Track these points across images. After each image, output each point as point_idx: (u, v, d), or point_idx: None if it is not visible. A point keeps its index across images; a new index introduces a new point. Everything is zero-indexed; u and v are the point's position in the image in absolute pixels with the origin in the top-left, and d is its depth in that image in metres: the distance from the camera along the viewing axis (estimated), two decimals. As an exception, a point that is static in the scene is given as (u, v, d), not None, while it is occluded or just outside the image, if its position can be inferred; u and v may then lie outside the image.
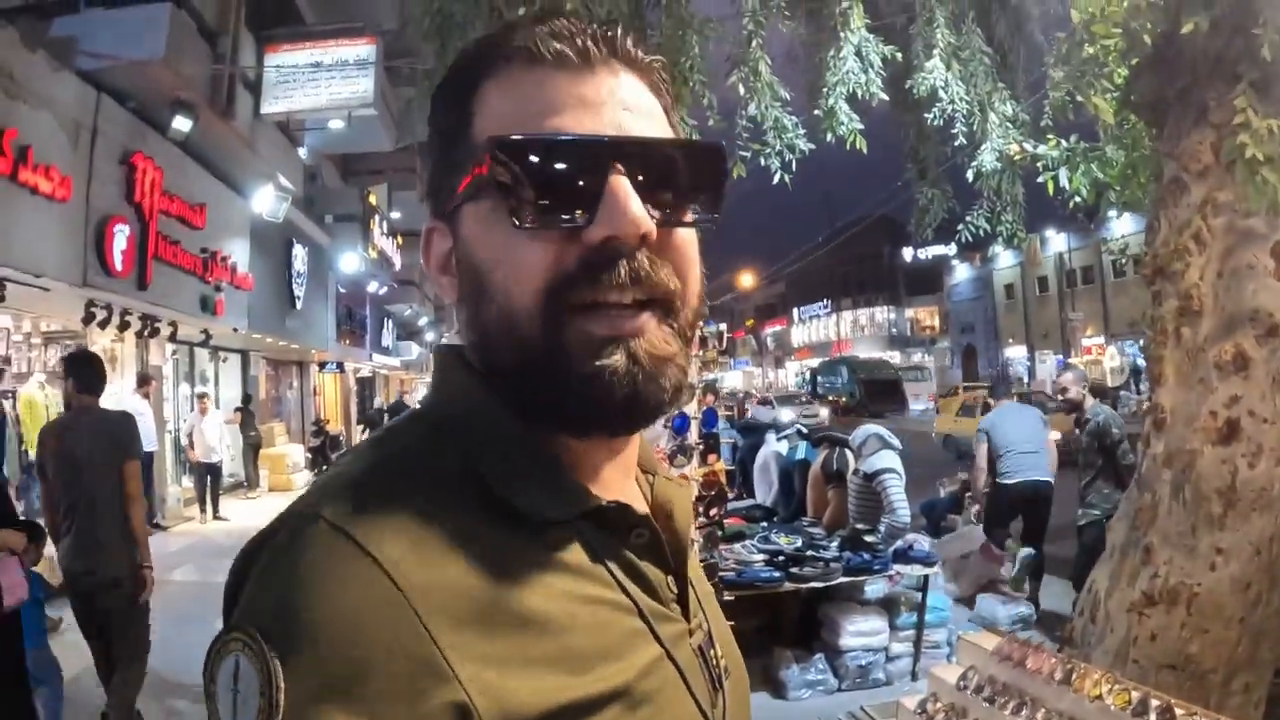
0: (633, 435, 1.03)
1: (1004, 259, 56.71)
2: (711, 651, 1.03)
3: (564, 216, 0.89)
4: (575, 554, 0.90)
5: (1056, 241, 51.78)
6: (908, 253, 73.22)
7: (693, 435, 6.36)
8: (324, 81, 14.92)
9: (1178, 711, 3.54)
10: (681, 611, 0.99)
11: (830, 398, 35.18)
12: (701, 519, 6.29)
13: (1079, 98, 5.32)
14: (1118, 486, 8.13)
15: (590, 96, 0.93)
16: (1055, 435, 10.22)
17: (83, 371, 6.27)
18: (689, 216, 0.96)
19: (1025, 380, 48.85)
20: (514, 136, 0.89)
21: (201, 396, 17.19)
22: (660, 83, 1.01)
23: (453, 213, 0.97)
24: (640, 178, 0.90)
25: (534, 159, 0.89)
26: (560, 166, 0.89)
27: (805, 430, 11.17)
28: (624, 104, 0.94)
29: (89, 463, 5.80)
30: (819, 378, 53.65)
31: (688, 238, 0.97)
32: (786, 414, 14.38)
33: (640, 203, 0.89)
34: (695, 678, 0.96)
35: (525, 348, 0.90)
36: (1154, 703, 3.65)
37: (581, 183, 0.89)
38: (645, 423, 0.96)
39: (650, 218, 0.90)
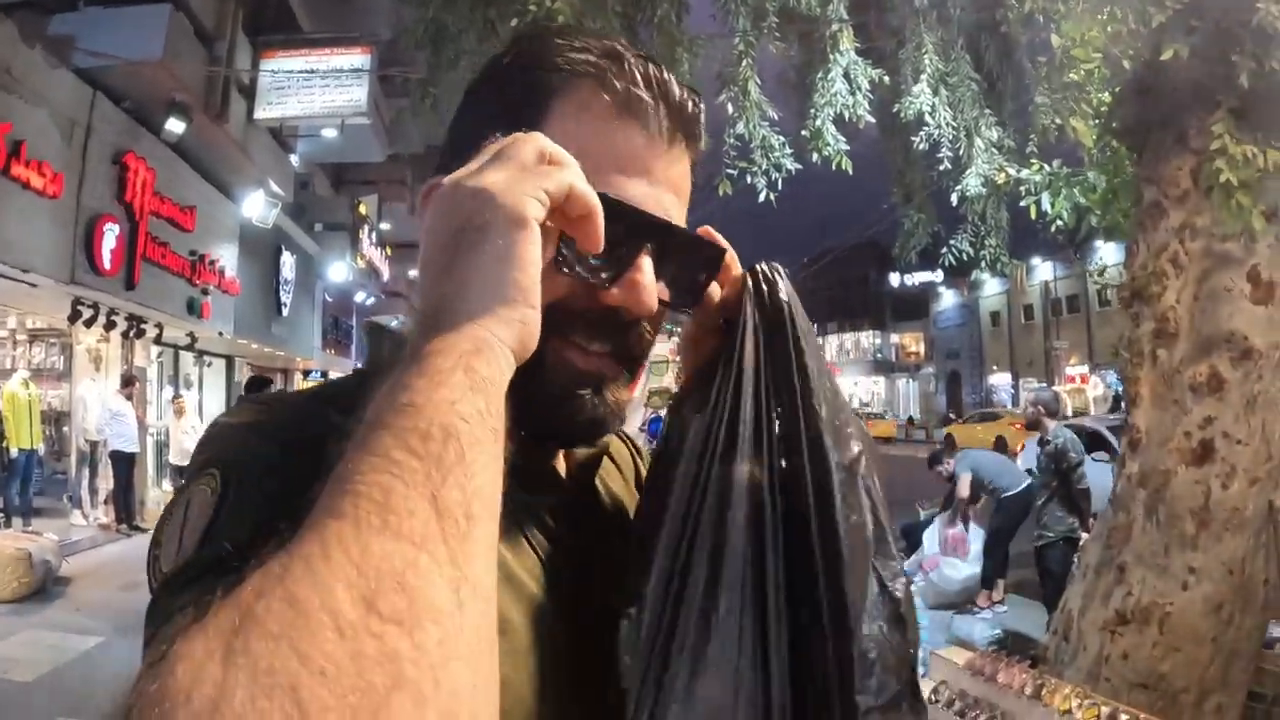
0: None
1: (990, 286, 56.88)
2: None
3: (589, 269, 0.89)
4: None
5: (1042, 270, 51.99)
6: (894, 278, 73.32)
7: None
8: (318, 89, 14.92)
9: (1145, 726, 3.59)
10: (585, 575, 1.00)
11: None
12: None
13: (1059, 121, 5.40)
14: (1070, 510, 8.44)
15: (655, 169, 0.93)
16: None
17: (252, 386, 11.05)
18: (677, 299, 0.98)
19: (1008, 406, 49.05)
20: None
21: (176, 398, 17.05)
22: (696, 163, 1.01)
23: None
24: (658, 257, 0.91)
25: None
26: (610, 225, 0.87)
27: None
28: (675, 187, 0.95)
29: None
30: None
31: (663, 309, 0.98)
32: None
33: (655, 283, 0.90)
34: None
35: None
36: (1123, 717, 3.70)
37: (617, 247, 0.88)
38: (586, 445, 1.06)
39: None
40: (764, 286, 0.94)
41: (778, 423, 0.93)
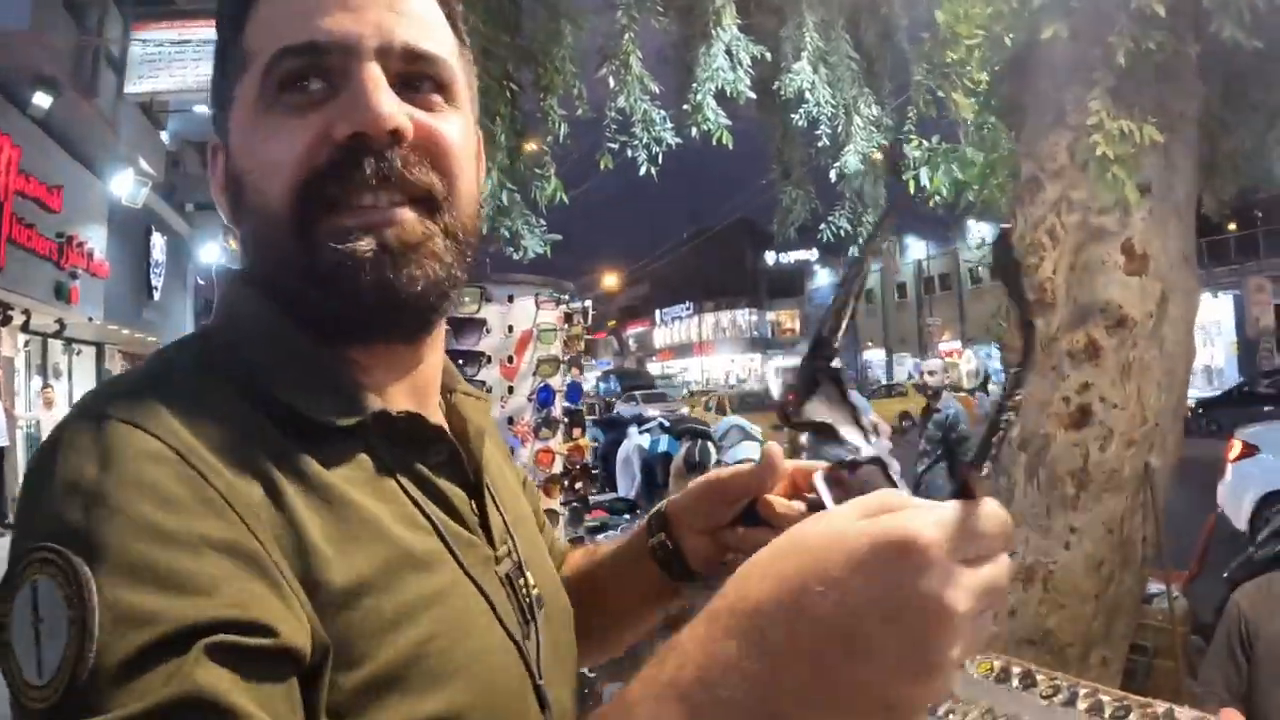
0: (419, 347, 0.99)
1: (864, 264, 57.98)
2: (520, 581, 1.00)
3: (312, 115, 0.88)
4: (360, 466, 0.86)
5: (916, 249, 53.16)
6: (770, 257, 74.18)
7: (558, 409, 6.35)
8: (190, 62, 14.54)
9: (1039, 678, 3.72)
10: (486, 537, 0.97)
11: (607, 398, 39.95)
12: (568, 494, 6.30)
13: (941, 93, 5.52)
14: (951, 477, 8.51)
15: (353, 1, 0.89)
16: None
17: None
18: (451, 115, 0.95)
19: (882, 382, 50.18)
20: (275, 43, 0.88)
21: (45, 388, 16.51)
22: None
23: (224, 127, 0.96)
24: (400, 77, 0.90)
25: (285, 62, 0.88)
26: (313, 66, 0.88)
27: (667, 424, 11.31)
28: (390, 5, 0.91)
29: None
30: (600, 384, 59.27)
31: (458, 136, 0.95)
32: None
33: (392, 99, 0.88)
34: (503, 606, 0.93)
35: (280, 247, 0.89)
36: (1015, 669, 3.83)
37: (334, 82, 0.88)
38: (407, 317, 0.93)
39: (405, 114, 0.89)
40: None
41: None
